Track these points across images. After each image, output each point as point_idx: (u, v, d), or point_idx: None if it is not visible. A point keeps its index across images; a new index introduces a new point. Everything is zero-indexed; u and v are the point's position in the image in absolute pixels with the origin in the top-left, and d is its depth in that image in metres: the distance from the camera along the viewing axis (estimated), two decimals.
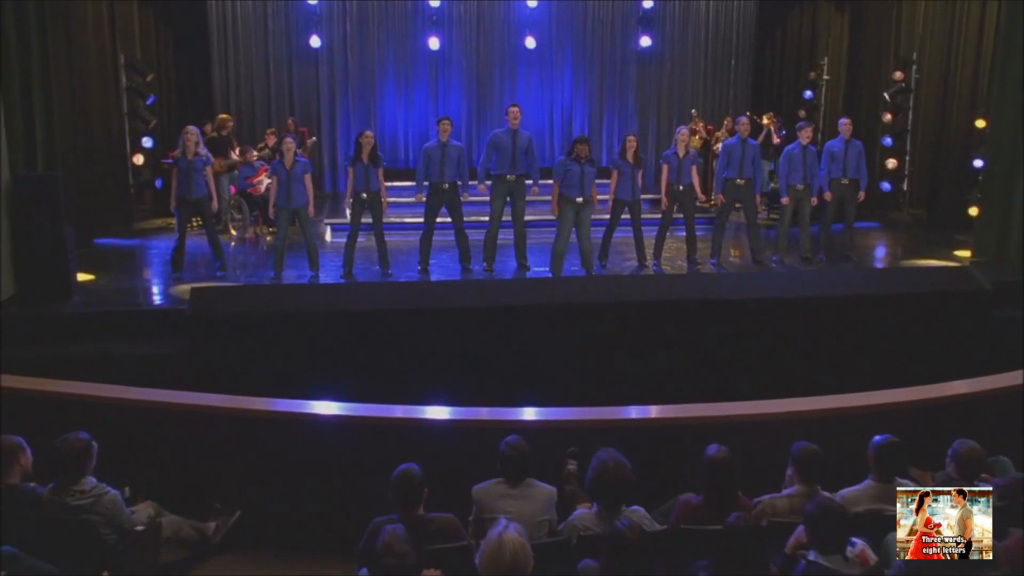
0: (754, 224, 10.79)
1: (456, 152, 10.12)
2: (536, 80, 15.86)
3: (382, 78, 15.50)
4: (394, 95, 15.58)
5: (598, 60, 15.93)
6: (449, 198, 10.15)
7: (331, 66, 15.30)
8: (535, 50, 15.53)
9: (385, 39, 15.44)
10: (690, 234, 10.77)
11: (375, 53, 15.41)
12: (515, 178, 10.22)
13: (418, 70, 15.60)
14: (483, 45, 15.68)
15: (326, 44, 15.13)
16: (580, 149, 9.69)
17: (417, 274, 10.20)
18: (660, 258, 10.81)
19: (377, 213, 9.98)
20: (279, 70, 15.11)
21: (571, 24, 15.78)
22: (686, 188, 10.57)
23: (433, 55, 15.44)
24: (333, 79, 15.38)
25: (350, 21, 15.25)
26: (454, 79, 15.76)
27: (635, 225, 10.55)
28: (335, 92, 15.43)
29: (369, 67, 15.41)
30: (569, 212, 9.80)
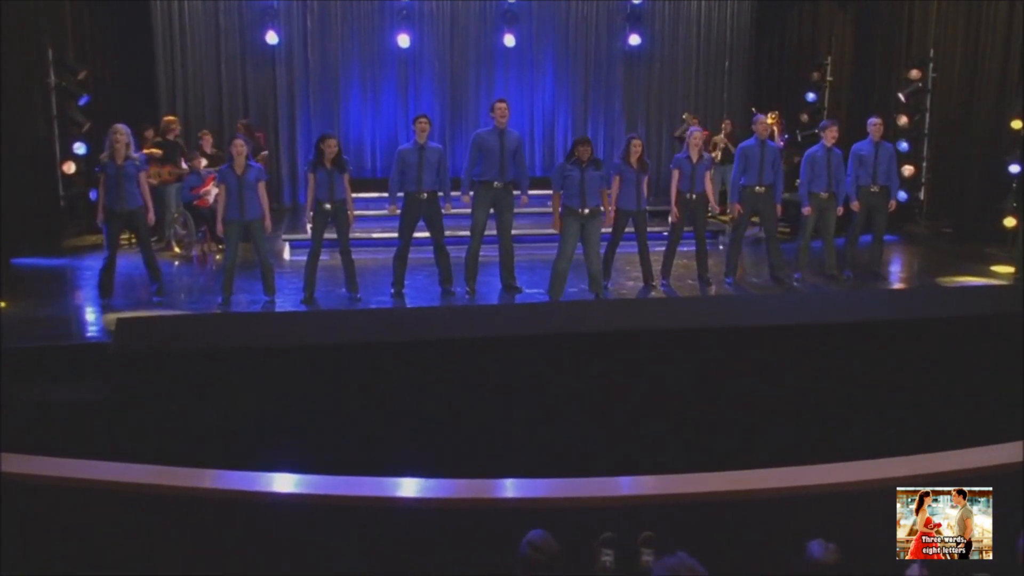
0: (774, 237, 9.48)
1: (436, 156, 8.70)
2: (515, 81, 14.55)
3: (346, 78, 14.06)
4: (360, 97, 14.15)
5: (582, 59, 14.67)
6: (427, 209, 8.72)
7: (290, 65, 13.83)
8: (514, 48, 14.22)
9: (349, 36, 14.01)
10: (701, 249, 9.45)
11: (338, 51, 13.98)
12: (502, 185, 8.82)
13: (386, 70, 14.20)
14: (458, 43, 14.33)
15: (284, 41, 13.66)
16: (581, 151, 8.29)
17: (390, 298, 8.75)
18: (669, 277, 9.45)
19: (343, 226, 8.52)
20: (232, 69, 13.60)
21: (553, 20, 14.49)
22: (699, 197, 9.25)
23: (402, 53, 14.05)
24: (292, 79, 13.90)
25: (311, 16, 13.79)
26: (425, 80, 14.37)
27: (640, 239, 9.20)
28: (294, 94, 13.95)
29: (332, 66, 13.97)
30: (573, 225, 8.40)
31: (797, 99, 14.02)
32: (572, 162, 8.33)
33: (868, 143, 9.52)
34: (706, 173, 9.34)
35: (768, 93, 14.79)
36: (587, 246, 8.47)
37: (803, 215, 9.49)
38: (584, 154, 8.28)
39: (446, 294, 8.91)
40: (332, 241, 8.74)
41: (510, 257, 9.08)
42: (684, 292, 9.21)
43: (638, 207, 9.03)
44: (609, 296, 8.82)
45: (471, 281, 9.04)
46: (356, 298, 8.62)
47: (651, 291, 9.19)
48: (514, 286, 9.11)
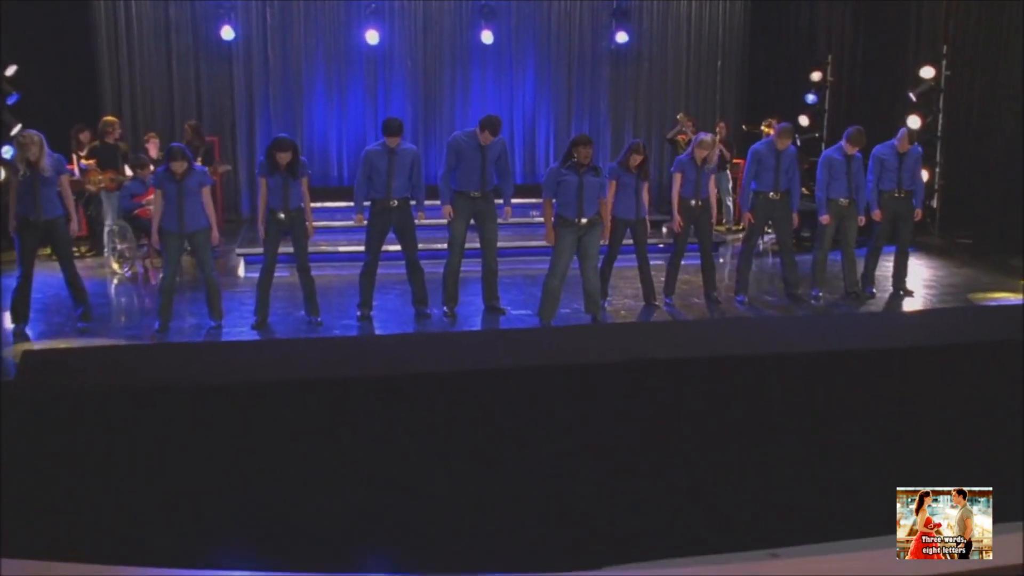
0: (789, 250, 8.41)
1: (409, 159, 7.56)
2: (493, 81, 13.48)
3: (310, 78, 12.90)
4: (325, 98, 12.98)
5: (566, 58, 13.65)
6: (398, 219, 7.58)
7: (248, 63, 12.65)
8: (492, 46, 13.16)
9: (313, 32, 12.86)
10: (707, 263, 8.37)
11: (301, 48, 12.82)
12: (482, 195, 7.69)
13: (354, 69, 13.07)
14: (431, 39, 13.24)
15: (241, 37, 12.48)
16: (580, 153, 7.16)
17: (356, 322, 7.58)
18: (673, 295, 8.36)
19: (300, 239, 7.35)
20: (184, 67, 12.40)
21: (534, 16, 13.46)
22: (703, 204, 8.18)
23: (371, 51, 12.93)
24: (251, 79, 12.71)
25: (270, 10, 12.63)
26: (396, 80, 13.24)
27: (639, 251, 8.12)
28: (253, 94, 12.76)
29: (294, 65, 12.80)
30: (568, 238, 7.26)
31: (796, 101, 13.04)
32: (569, 166, 7.20)
33: (890, 146, 8.50)
34: (712, 178, 8.27)
35: (764, 95, 13.84)
36: (584, 261, 7.34)
37: (820, 224, 8.44)
38: (584, 157, 7.15)
39: (420, 317, 7.75)
40: (288, 255, 7.57)
41: (494, 275, 7.95)
42: (691, 312, 8.12)
43: (637, 216, 7.95)
44: (608, 319, 7.69)
45: (450, 302, 7.90)
46: (316, 322, 7.45)
47: (654, 311, 8.09)
48: (498, 307, 7.98)
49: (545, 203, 7.36)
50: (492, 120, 7.50)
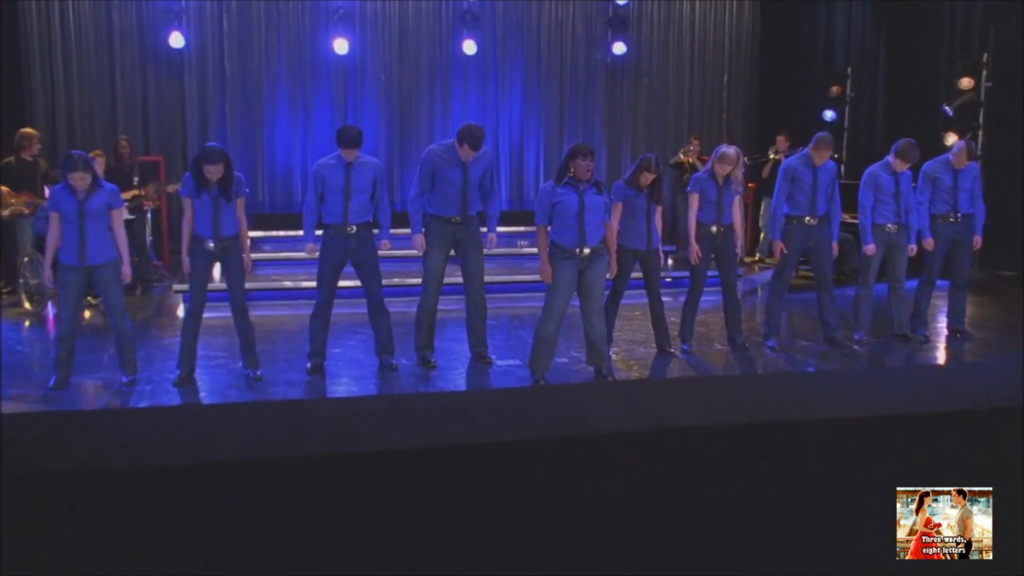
0: (827, 285, 7.05)
1: (370, 174, 6.19)
2: (477, 95, 12.23)
3: (272, 91, 11.57)
4: (288, 114, 11.64)
5: (557, 71, 12.43)
6: (358, 249, 6.19)
7: (201, 75, 11.30)
8: (475, 56, 11.93)
9: (276, 40, 11.55)
10: (730, 300, 7.01)
11: (261, 58, 11.50)
12: (463, 220, 6.32)
13: (320, 81, 11.76)
14: (407, 49, 11.98)
15: (194, 45, 11.17)
16: (579, 166, 5.78)
17: (305, 376, 6.15)
18: (692, 340, 6.98)
19: (235, 273, 5.95)
20: (129, 79, 11.02)
21: (522, 25, 12.24)
22: (726, 230, 6.82)
23: (340, 62, 11.65)
24: (204, 92, 11.35)
25: (227, 16, 11.31)
26: (368, 94, 11.92)
27: (651, 288, 6.77)
28: (207, 110, 11.39)
29: (254, 77, 11.47)
30: (566, 272, 5.86)
31: (812, 118, 11.77)
32: (566, 183, 5.82)
33: (944, 161, 7.20)
34: (736, 199, 6.92)
35: (775, 112, 12.61)
36: (586, 301, 5.95)
37: (864, 255, 7.10)
38: (583, 171, 5.77)
39: (385, 369, 6.33)
40: (221, 293, 6.18)
41: (480, 316, 6.56)
42: (714, 360, 6.73)
43: (649, 245, 6.59)
44: (615, 373, 6.27)
45: (424, 349, 6.50)
46: (255, 377, 6.02)
47: (669, 362, 6.70)
48: (485, 356, 6.57)
49: (539, 231, 5.97)
50: (472, 131, 6.13)
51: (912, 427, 4.47)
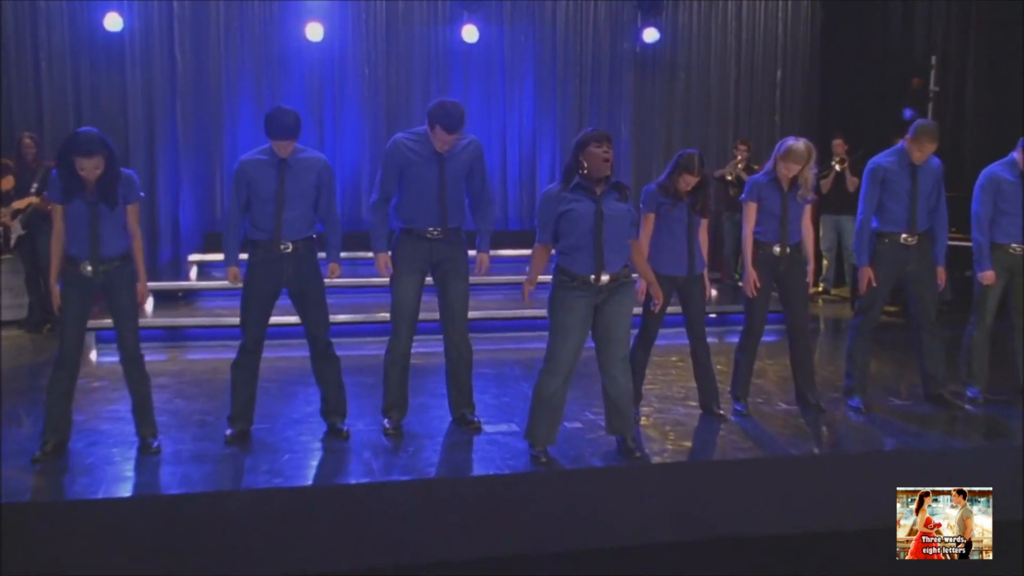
0: (931, 325, 5.74)
1: (312, 174, 4.98)
2: (479, 92, 11.02)
3: (232, 87, 10.44)
4: (253, 113, 10.45)
5: (575, 63, 11.23)
6: (296, 275, 4.96)
7: (147, 66, 10.17)
8: (478, 45, 10.74)
9: (237, 25, 10.45)
10: (800, 345, 5.72)
11: (220, 46, 10.39)
12: (443, 235, 5.11)
13: (292, 75, 10.62)
14: (396, 37, 10.82)
15: (137, 29, 10.03)
16: (593, 160, 4.52)
17: (224, 447, 4.87)
18: (747, 398, 5.67)
19: (123, 307, 4.71)
20: (58, 69, 9.87)
21: (534, 7, 11.08)
22: (792, 252, 5.52)
23: (316, 53, 10.51)
24: (150, 87, 10.21)
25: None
26: (349, 90, 10.76)
27: (692, 326, 5.52)
28: (154, 104, 10.25)
29: (212, 68, 10.37)
30: (578, 309, 4.58)
31: (886, 119, 10.57)
32: (577, 187, 4.55)
33: None
34: (807, 211, 5.63)
35: (840, 112, 11.42)
36: (605, 347, 4.66)
37: (979, 284, 5.78)
38: (600, 168, 4.51)
39: (334, 436, 5.07)
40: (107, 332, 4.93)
41: (465, 364, 5.33)
42: (778, 427, 5.39)
43: (691, 271, 5.33)
44: (645, 447, 4.95)
45: (392, 410, 5.26)
46: (150, 449, 4.76)
47: (719, 427, 5.37)
48: (470, 420, 5.30)
49: (537, 251, 4.68)
50: (446, 108, 4.90)
51: None
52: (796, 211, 5.54)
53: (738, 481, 4.66)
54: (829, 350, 7.76)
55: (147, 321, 7.84)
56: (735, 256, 10.11)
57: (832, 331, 8.74)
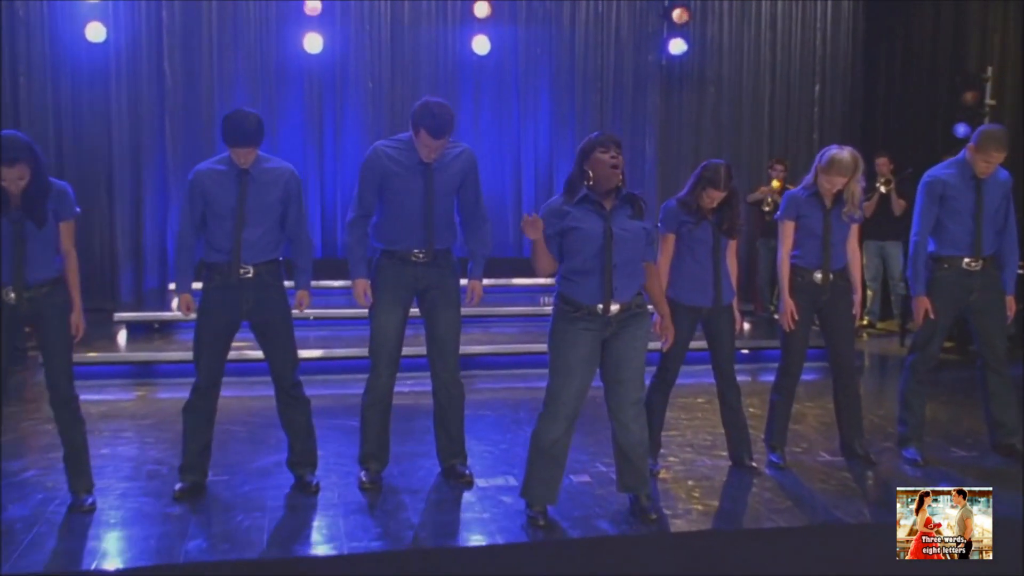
0: (999, 363, 5.12)
1: (278, 187, 4.49)
2: (491, 108, 10.59)
3: (225, 102, 10.00)
4: None
5: (595, 76, 10.78)
6: (258, 304, 4.46)
7: (133, 80, 9.78)
8: (490, 58, 10.33)
9: (231, 37, 10.05)
10: (847, 385, 5.11)
11: (213, 60, 9.99)
12: (430, 257, 4.60)
13: (290, 91, 10.23)
14: (401, 50, 10.40)
15: (122, 41, 9.66)
16: (598, 167, 3.96)
17: (170, 505, 4.32)
18: (784, 448, 5.06)
19: (53, 341, 4.19)
20: (38, 83, 9.49)
21: (550, 17, 10.63)
22: (836, 279, 4.94)
23: (315, 66, 10.11)
24: (137, 102, 9.82)
25: (167, 7, 9.77)
26: (351, 106, 10.34)
27: (719, 364, 4.95)
28: (140, 124, 9.86)
29: (203, 83, 9.97)
30: (583, 342, 4.02)
31: (936, 136, 10.10)
32: (583, 200, 3.99)
33: None
34: (854, 232, 5.04)
35: (884, 128, 11.02)
36: (615, 388, 4.11)
37: None
38: (607, 177, 3.96)
39: (302, 489, 4.52)
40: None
41: (455, 408, 4.78)
42: (821, 482, 4.78)
43: (717, 301, 4.78)
44: (663, 508, 4.35)
45: (370, 460, 4.71)
46: (84, 507, 4.21)
47: (751, 482, 4.77)
48: (461, 471, 4.73)
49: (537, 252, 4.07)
50: (432, 109, 4.39)
51: None
52: (840, 231, 4.95)
53: (773, 554, 4.04)
54: (877, 391, 7.16)
55: (117, 355, 7.40)
56: (770, 286, 9.57)
57: (879, 369, 8.13)
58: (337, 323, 8.43)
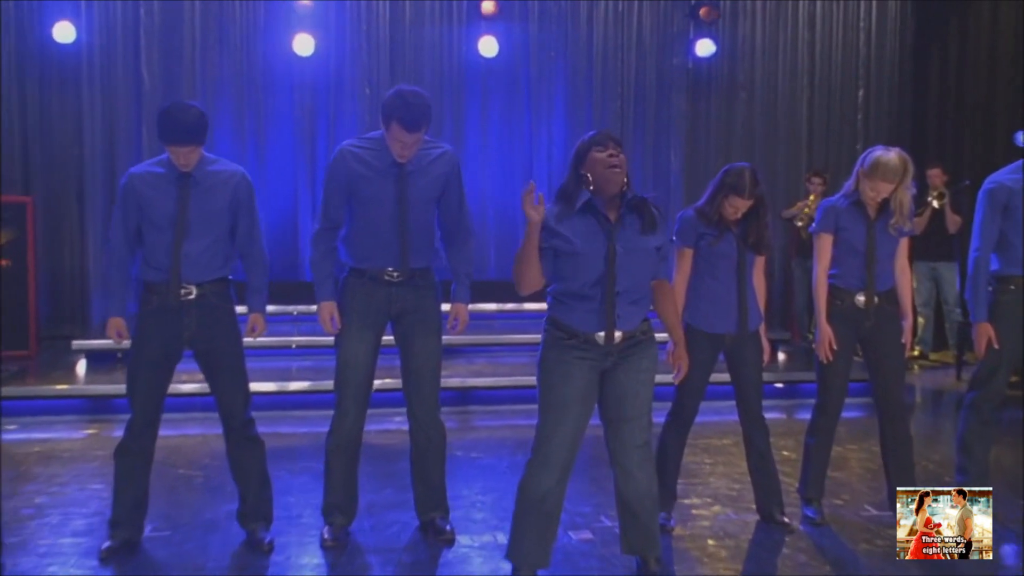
0: None
1: (226, 192, 4.13)
2: (500, 115, 10.30)
3: (209, 109, 8.96)
4: (233, 142, 9.82)
5: (615, 80, 10.50)
6: (201, 329, 4.09)
7: (107, 85, 9.54)
8: (499, 61, 10.02)
9: (214, 38, 9.81)
10: (896, 426, 4.63)
11: (195, 65, 9.76)
12: (405, 276, 4.21)
13: (280, 97, 9.95)
14: (402, 53, 10.11)
15: (97, 43, 9.43)
16: (597, 163, 3.56)
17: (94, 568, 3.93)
18: (821, 499, 4.61)
19: None
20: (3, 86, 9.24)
21: (566, 16, 10.34)
22: (881, 301, 4.52)
23: (306, 70, 9.82)
24: (112, 109, 9.56)
25: (144, 7, 9.53)
26: (345, 116, 10.07)
27: (745, 401, 4.52)
28: (115, 133, 9.60)
29: (184, 89, 9.69)
30: (578, 375, 3.62)
31: (994, 143, 9.64)
32: (585, 208, 3.58)
33: None
34: (902, 246, 4.59)
35: (937, 136, 10.58)
36: (615, 428, 3.69)
37: None
38: (607, 178, 3.54)
39: (251, 550, 4.11)
40: None
41: (436, 453, 4.37)
42: (865, 542, 4.33)
43: (741, 327, 4.37)
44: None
45: (334, 513, 4.29)
46: None
47: (783, 541, 4.32)
48: (441, 527, 4.32)
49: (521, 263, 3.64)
50: (407, 99, 4.00)
51: None
52: (887, 247, 4.51)
53: None
54: (930, 433, 6.70)
55: (73, 388, 7.03)
56: (808, 311, 9.14)
57: (932, 407, 7.69)
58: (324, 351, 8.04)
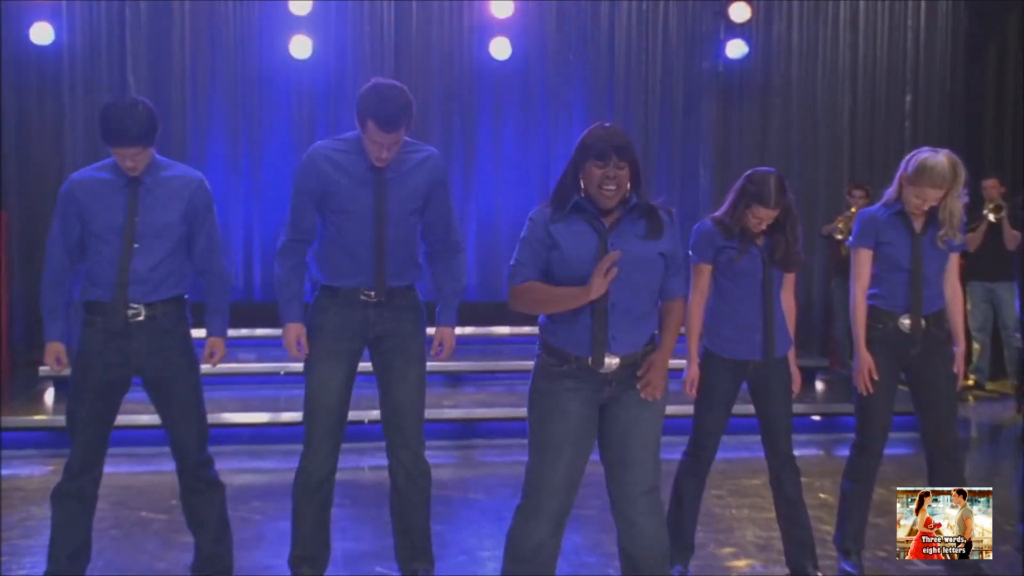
0: None
1: (181, 200, 3.90)
2: (514, 122, 10.17)
3: (200, 117, 9.77)
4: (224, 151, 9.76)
5: (640, 85, 10.32)
6: (150, 357, 3.81)
7: (89, 91, 9.44)
8: (512, 64, 9.90)
9: (205, 40, 9.73)
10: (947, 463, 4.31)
11: (185, 69, 9.65)
12: (382, 295, 3.92)
13: (274, 104, 9.83)
14: (409, 58, 10.01)
15: (79, 45, 9.33)
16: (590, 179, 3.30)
17: None
18: (861, 552, 4.31)
19: None
20: None
21: (585, 17, 10.19)
22: (929, 325, 4.24)
23: (305, 75, 9.71)
24: (95, 117, 9.27)
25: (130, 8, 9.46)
26: (347, 121, 9.40)
27: (771, 438, 4.20)
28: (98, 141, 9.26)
29: (173, 96, 9.61)
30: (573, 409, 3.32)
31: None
32: (575, 209, 3.30)
33: None
34: (952, 262, 4.28)
35: (993, 144, 10.41)
36: (616, 471, 3.39)
37: None
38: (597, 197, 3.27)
39: None
40: None
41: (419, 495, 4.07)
42: None
43: (767, 353, 4.06)
44: None
45: (303, 565, 3.98)
46: None
47: None
48: None
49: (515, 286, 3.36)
50: (383, 94, 3.79)
51: None
52: (936, 263, 4.20)
53: None
54: (987, 473, 6.33)
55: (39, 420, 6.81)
56: (849, 337, 8.85)
57: (989, 444, 7.31)
58: None
